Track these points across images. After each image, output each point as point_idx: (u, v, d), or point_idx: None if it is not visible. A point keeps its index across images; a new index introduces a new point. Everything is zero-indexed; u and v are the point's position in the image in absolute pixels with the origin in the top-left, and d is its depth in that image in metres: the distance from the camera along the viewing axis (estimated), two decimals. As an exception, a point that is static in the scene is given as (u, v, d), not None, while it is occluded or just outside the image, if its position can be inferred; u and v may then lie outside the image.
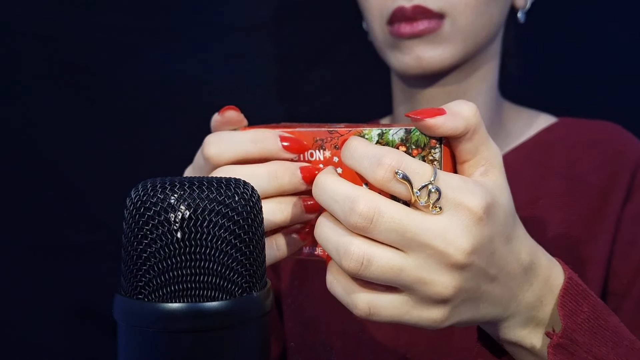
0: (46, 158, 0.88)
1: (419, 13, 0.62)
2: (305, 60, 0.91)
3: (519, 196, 0.67)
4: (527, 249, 0.43)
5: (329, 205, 0.41)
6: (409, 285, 0.39)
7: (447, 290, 0.39)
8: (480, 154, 0.41)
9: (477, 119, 0.40)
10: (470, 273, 0.39)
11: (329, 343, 0.68)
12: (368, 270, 0.39)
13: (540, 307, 0.44)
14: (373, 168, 0.39)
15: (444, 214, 0.39)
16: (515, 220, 0.43)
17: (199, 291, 0.34)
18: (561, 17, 0.88)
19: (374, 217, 0.38)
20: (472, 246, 0.39)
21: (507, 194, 0.42)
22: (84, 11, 0.86)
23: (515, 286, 0.43)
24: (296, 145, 0.46)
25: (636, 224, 0.64)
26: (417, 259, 0.39)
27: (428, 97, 0.69)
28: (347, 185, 0.40)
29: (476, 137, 0.41)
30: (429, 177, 0.39)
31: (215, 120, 0.50)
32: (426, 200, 0.39)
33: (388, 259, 0.39)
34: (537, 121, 0.73)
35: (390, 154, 0.39)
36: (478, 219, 0.39)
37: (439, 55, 0.64)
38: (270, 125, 0.50)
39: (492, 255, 0.40)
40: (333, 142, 0.45)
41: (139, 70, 0.88)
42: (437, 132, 0.40)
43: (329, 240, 0.41)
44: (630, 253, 0.63)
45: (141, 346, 0.35)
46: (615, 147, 0.68)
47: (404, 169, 0.39)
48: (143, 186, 0.35)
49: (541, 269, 0.44)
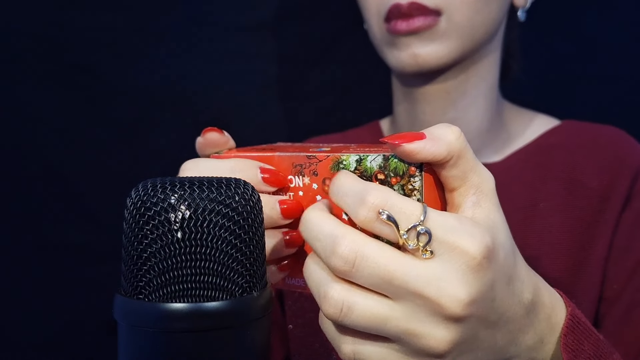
0: (46, 158, 0.88)
1: (415, 10, 0.62)
2: (305, 60, 0.91)
3: (520, 198, 0.68)
4: (529, 288, 0.39)
5: (313, 244, 0.38)
6: (396, 336, 0.36)
7: (441, 345, 0.35)
8: (470, 180, 0.37)
9: (460, 144, 0.36)
10: (468, 325, 0.36)
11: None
12: (348, 318, 0.36)
13: (541, 348, 0.41)
14: (356, 207, 0.36)
15: (436, 259, 0.35)
16: (516, 258, 0.39)
17: (199, 291, 0.34)
18: (561, 16, 0.88)
19: (356, 261, 0.35)
20: (470, 296, 0.35)
21: (505, 229, 0.38)
22: (84, 11, 0.86)
23: (516, 329, 0.39)
24: (276, 179, 0.44)
25: (632, 231, 0.64)
26: (405, 308, 0.35)
27: (427, 96, 0.69)
28: (332, 223, 0.37)
29: (462, 162, 0.37)
30: (417, 218, 0.35)
31: (198, 142, 0.48)
32: (415, 243, 0.35)
33: (371, 307, 0.35)
34: (538, 123, 0.73)
35: (375, 191, 0.36)
36: (477, 264, 0.35)
37: (435, 51, 0.64)
38: (254, 147, 0.49)
39: (493, 302, 0.36)
40: (311, 168, 0.42)
41: (139, 70, 0.88)
42: (416, 158, 0.36)
43: (312, 281, 0.38)
44: (624, 259, 0.63)
45: (141, 346, 0.35)
46: (617, 153, 0.68)
47: (389, 208, 0.35)
48: (143, 186, 0.35)
49: (543, 306, 0.41)
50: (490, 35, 0.68)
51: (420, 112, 0.70)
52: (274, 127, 0.92)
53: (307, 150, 0.44)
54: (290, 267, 0.46)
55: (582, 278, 0.63)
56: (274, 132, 0.92)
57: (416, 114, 0.70)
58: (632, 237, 0.64)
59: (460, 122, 0.69)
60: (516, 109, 0.75)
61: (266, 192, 0.44)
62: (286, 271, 0.46)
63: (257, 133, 0.91)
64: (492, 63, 0.70)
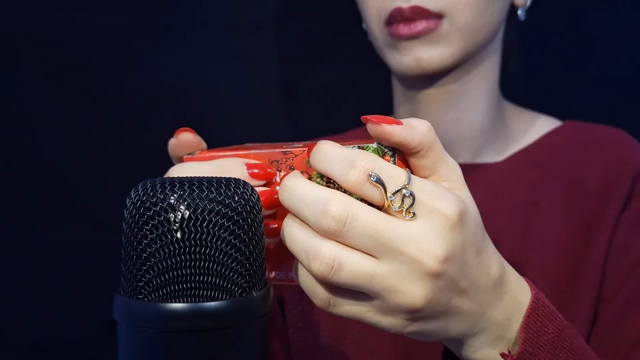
0: (46, 158, 0.88)
1: (417, 14, 0.62)
2: (306, 60, 0.91)
3: (521, 198, 0.68)
4: (496, 264, 0.42)
5: (298, 209, 0.39)
6: (378, 292, 0.38)
7: (417, 301, 0.38)
8: (439, 170, 0.41)
9: (432, 136, 0.39)
10: (442, 283, 0.38)
11: (330, 348, 0.68)
12: (338, 275, 0.37)
13: (509, 326, 0.43)
14: (345, 170, 0.38)
15: (418, 220, 0.38)
16: (485, 234, 0.42)
17: (199, 291, 0.34)
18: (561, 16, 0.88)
19: (347, 220, 0.37)
20: (446, 253, 0.37)
21: (475, 206, 0.41)
22: (84, 11, 0.87)
23: (485, 301, 0.41)
24: (263, 172, 0.45)
25: (631, 231, 0.64)
26: (389, 265, 0.37)
27: (428, 98, 0.69)
28: (318, 188, 0.39)
29: (431, 153, 0.40)
30: (403, 181, 0.37)
31: (171, 144, 0.48)
32: (399, 205, 0.37)
33: (360, 264, 0.37)
34: (540, 123, 0.73)
35: (364, 156, 0.38)
36: (452, 225, 0.38)
37: (437, 55, 0.64)
38: (226, 148, 0.50)
39: (464, 265, 0.39)
40: (288, 163, 0.44)
41: (139, 70, 0.88)
42: (391, 140, 0.39)
43: (297, 241, 0.39)
44: (621, 259, 0.63)
45: (141, 346, 0.35)
46: (619, 154, 0.68)
47: (378, 171, 0.37)
48: (143, 186, 0.35)
49: (510, 285, 0.43)
50: (492, 37, 0.68)
51: (422, 112, 0.70)
52: (274, 127, 0.92)
53: (281, 147, 0.45)
54: (270, 259, 0.46)
55: (583, 277, 0.63)
56: (274, 132, 0.92)
57: (417, 115, 0.70)
58: (631, 237, 0.64)
59: (461, 122, 0.69)
60: (518, 110, 0.75)
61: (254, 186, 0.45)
62: (268, 263, 0.46)
63: (258, 133, 0.91)
64: (493, 63, 0.70)
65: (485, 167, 0.70)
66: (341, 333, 0.67)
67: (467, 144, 0.70)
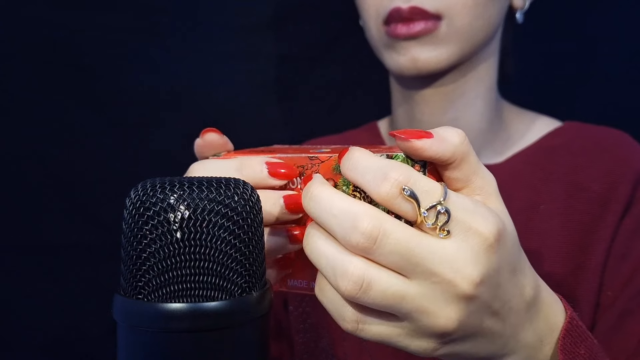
0: (46, 158, 0.88)
1: (415, 14, 0.62)
2: (306, 60, 0.91)
3: (520, 200, 0.67)
4: (531, 283, 0.40)
5: (324, 220, 0.37)
6: (408, 314, 0.36)
7: (449, 324, 0.36)
8: (473, 183, 0.39)
9: (465, 147, 0.37)
10: (475, 306, 0.36)
11: (331, 350, 0.68)
12: (367, 295, 0.35)
13: (540, 348, 0.41)
14: (377, 182, 0.36)
15: (453, 239, 0.36)
16: (520, 252, 0.40)
17: (199, 291, 0.34)
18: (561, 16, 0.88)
19: (379, 237, 0.35)
20: (481, 276, 0.36)
21: (511, 223, 0.39)
22: (84, 12, 0.87)
23: (517, 323, 0.40)
24: (283, 171, 0.43)
25: (630, 238, 0.63)
26: (421, 286, 0.35)
27: (426, 98, 0.69)
28: (346, 199, 0.36)
29: (465, 165, 0.38)
30: (438, 197, 0.35)
31: (197, 144, 0.48)
32: (434, 222, 0.35)
33: (390, 283, 0.35)
34: (540, 124, 0.73)
35: (399, 167, 0.36)
36: (489, 245, 0.36)
37: (435, 56, 0.63)
38: (253, 150, 0.49)
39: (498, 288, 0.37)
40: (314, 169, 0.42)
41: (139, 70, 0.88)
42: (422, 155, 0.37)
43: (322, 256, 0.37)
44: (620, 266, 0.62)
45: (141, 346, 0.35)
46: (620, 157, 0.67)
47: (412, 185, 0.35)
48: (143, 186, 0.35)
49: (543, 305, 0.41)
50: (489, 39, 0.68)
51: (419, 113, 0.70)
52: (274, 127, 0.92)
53: (307, 151, 0.44)
54: (291, 267, 0.45)
55: (582, 282, 0.62)
56: (274, 132, 0.92)
57: (415, 115, 0.70)
58: (630, 244, 0.63)
59: (459, 123, 0.69)
60: (517, 110, 0.74)
61: (275, 186, 0.44)
62: (288, 270, 0.45)
63: (258, 133, 0.91)
64: (490, 64, 0.70)
65: None
66: (341, 335, 0.67)
67: None
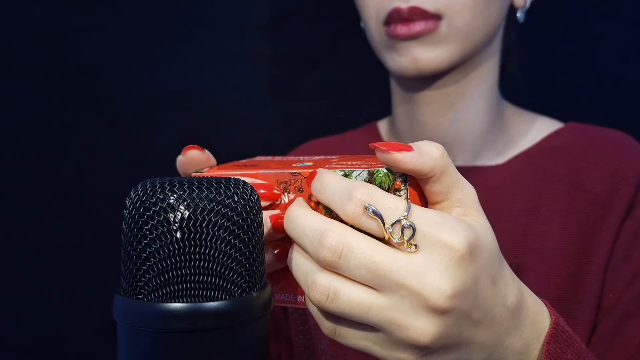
0: (46, 158, 0.88)
1: (415, 14, 0.62)
2: (305, 60, 0.91)
3: (522, 201, 0.67)
4: (514, 291, 0.40)
5: (299, 238, 0.39)
6: (379, 325, 0.37)
7: (423, 337, 0.36)
8: (453, 195, 0.39)
9: (444, 161, 0.38)
10: (451, 318, 0.37)
11: (331, 351, 0.68)
12: (334, 304, 0.37)
13: (527, 353, 0.42)
14: (343, 202, 0.37)
15: (420, 252, 0.36)
16: (501, 261, 0.40)
17: (199, 291, 0.34)
18: (562, 16, 0.88)
19: (343, 251, 0.37)
20: (453, 289, 0.36)
21: (491, 233, 0.40)
22: (84, 11, 0.87)
23: (502, 331, 0.40)
24: (269, 194, 0.44)
25: (632, 241, 0.63)
26: (390, 299, 0.36)
27: (426, 99, 0.68)
28: (318, 218, 0.38)
29: (445, 178, 0.38)
30: (401, 212, 0.36)
31: (179, 161, 0.48)
32: (399, 237, 0.36)
33: (356, 294, 0.37)
34: (541, 125, 0.72)
35: (361, 188, 0.37)
36: (459, 258, 0.36)
37: (435, 56, 0.63)
38: (235, 164, 0.49)
39: (477, 298, 0.38)
40: (296, 184, 0.43)
41: (139, 70, 0.88)
42: (402, 168, 0.38)
43: (299, 270, 0.40)
44: (621, 269, 0.62)
45: (141, 346, 0.35)
46: (622, 158, 0.66)
47: (375, 203, 0.37)
48: (142, 186, 0.35)
49: (528, 311, 0.42)
50: (490, 38, 0.67)
51: (420, 113, 0.70)
52: (274, 127, 0.92)
53: (289, 166, 0.45)
54: (282, 281, 0.46)
55: (583, 284, 0.62)
56: (274, 132, 0.92)
57: (415, 116, 0.70)
58: (632, 246, 0.63)
59: (460, 123, 0.69)
60: (518, 111, 0.74)
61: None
62: (278, 285, 0.46)
63: (257, 133, 0.91)
64: (492, 65, 0.70)
65: (485, 170, 0.69)
66: None
67: (466, 145, 0.70)
